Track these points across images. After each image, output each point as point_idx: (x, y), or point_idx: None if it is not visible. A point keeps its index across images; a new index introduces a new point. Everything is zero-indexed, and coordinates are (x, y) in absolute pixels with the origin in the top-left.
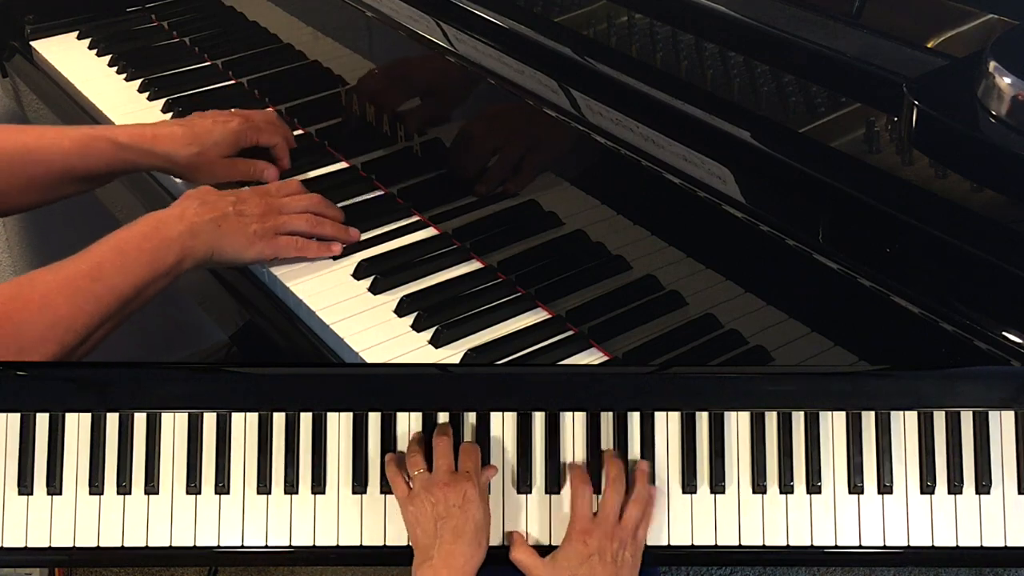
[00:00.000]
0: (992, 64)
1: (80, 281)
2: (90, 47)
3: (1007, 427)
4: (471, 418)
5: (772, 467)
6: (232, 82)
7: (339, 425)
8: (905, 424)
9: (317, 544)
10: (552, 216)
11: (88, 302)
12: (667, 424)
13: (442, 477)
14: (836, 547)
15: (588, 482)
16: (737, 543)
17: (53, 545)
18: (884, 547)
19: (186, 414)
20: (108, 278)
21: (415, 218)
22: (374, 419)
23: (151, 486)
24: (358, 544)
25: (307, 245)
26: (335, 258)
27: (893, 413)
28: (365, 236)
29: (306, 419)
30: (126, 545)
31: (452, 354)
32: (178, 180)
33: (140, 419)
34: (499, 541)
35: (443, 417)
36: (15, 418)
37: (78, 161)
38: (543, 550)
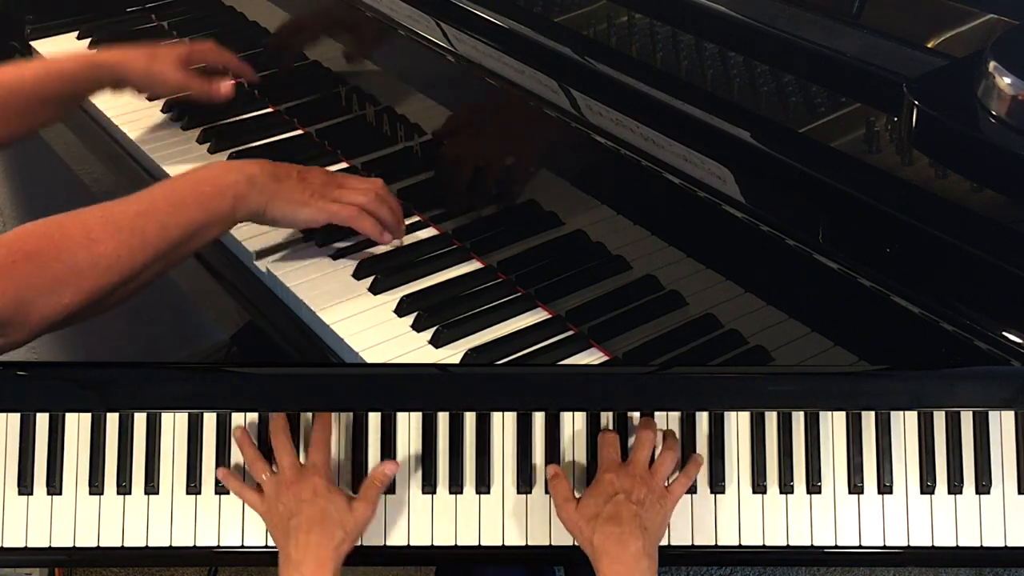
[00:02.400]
0: (992, 64)
1: (129, 218)
2: (90, 47)
3: (1007, 427)
4: (471, 418)
5: (772, 467)
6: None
7: (339, 425)
8: (905, 424)
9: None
10: (552, 216)
11: (135, 238)
12: (667, 424)
13: (288, 476)
14: (836, 547)
15: (615, 433)
16: (737, 543)
17: (53, 545)
18: (884, 547)
19: (186, 414)
20: (159, 217)
21: (415, 218)
22: (374, 419)
23: (151, 486)
24: (358, 544)
25: (363, 218)
26: (334, 257)
27: (893, 413)
28: (365, 236)
29: (306, 419)
30: (126, 545)
31: (452, 354)
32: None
33: (140, 419)
34: (499, 541)
35: (443, 417)
36: (15, 418)
37: (48, 83)
38: (543, 550)
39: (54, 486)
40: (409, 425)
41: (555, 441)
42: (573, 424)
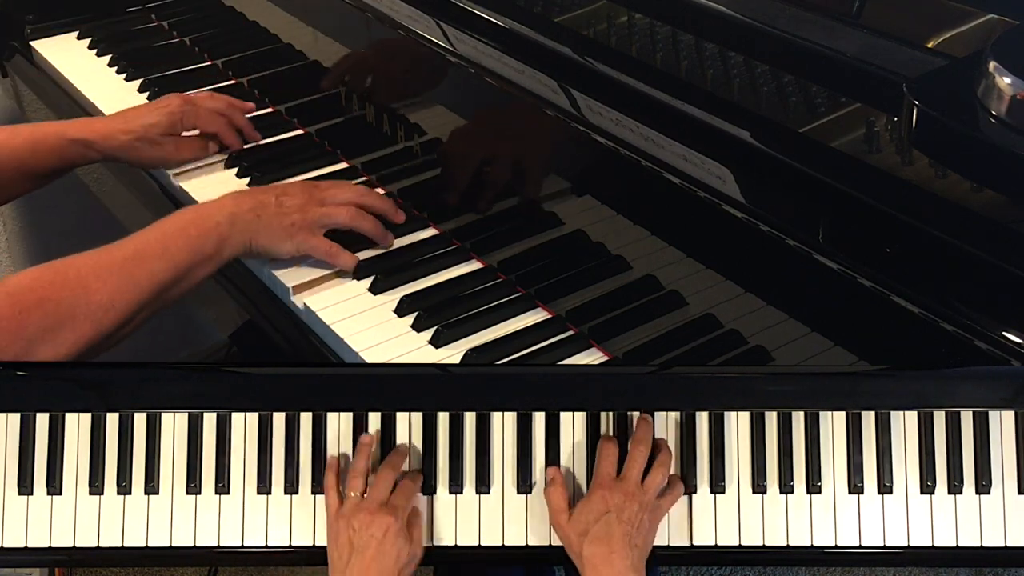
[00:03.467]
0: (992, 64)
1: (120, 264)
2: (90, 47)
3: (1007, 427)
4: (471, 418)
5: (772, 467)
6: (232, 82)
7: (339, 425)
8: (905, 424)
9: (317, 544)
10: (552, 216)
11: (127, 284)
12: (667, 424)
13: (370, 505)
14: (836, 547)
15: (615, 443)
16: (737, 543)
17: (53, 545)
18: (884, 547)
19: (186, 414)
20: (148, 263)
21: (415, 218)
22: (374, 419)
23: (151, 486)
24: None
25: (339, 253)
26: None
27: (893, 413)
28: (367, 235)
29: (306, 419)
30: (126, 545)
31: (452, 354)
32: (173, 177)
33: (140, 419)
34: (499, 541)
35: (443, 417)
36: (15, 418)
37: (29, 157)
38: (543, 550)
39: (54, 486)
40: (409, 425)
41: (555, 441)
42: (573, 424)
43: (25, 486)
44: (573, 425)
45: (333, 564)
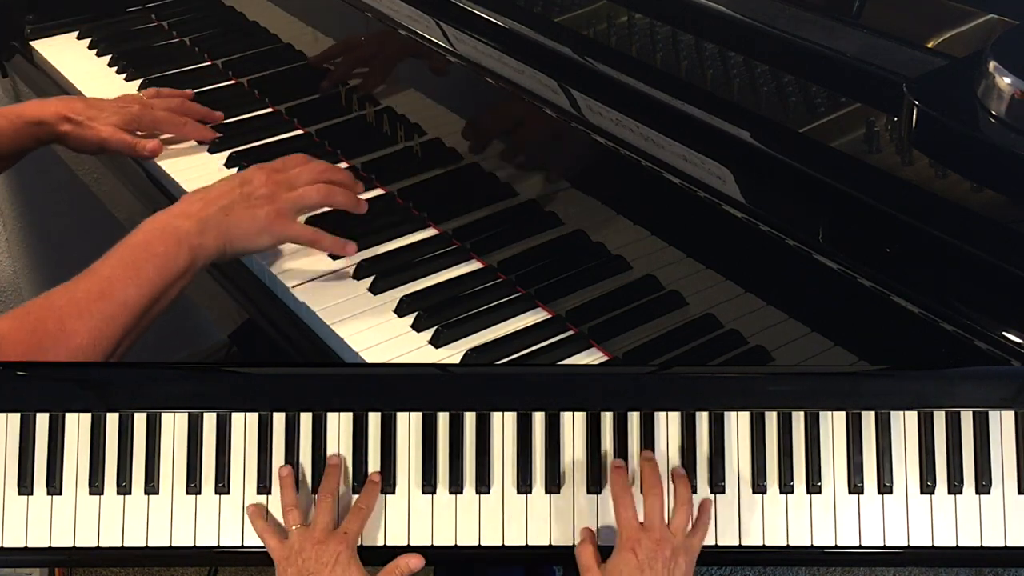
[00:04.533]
0: (992, 64)
1: (93, 303)
2: (90, 47)
3: (1007, 427)
4: (471, 418)
5: (772, 467)
6: (232, 82)
7: (339, 425)
8: (905, 424)
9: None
10: (552, 216)
11: (104, 323)
12: (667, 424)
13: (317, 535)
14: (836, 547)
15: (628, 488)
16: (737, 543)
17: (53, 545)
18: (884, 547)
19: (186, 414)
20: (120, 294)
21: (415, 218)
22: (374, 419)
23: (151, 486)
24: (358, 544)
25: (322, 237)
26: (334, 257)
27: (893, 413)
28: (365, 236)
29: (306, 419)
30: (126, 545)
31: (452, 354)
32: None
33: (140, 419)
34: (499, 541)
35: (443, 417)
36: (15, 418)
37: None
38: (543, 550)
39: (54, 486)
40: (409, 425)
41: (555, 441)
42: (573, 424)
43: (25, 486)
44: (573, 425)
45: None
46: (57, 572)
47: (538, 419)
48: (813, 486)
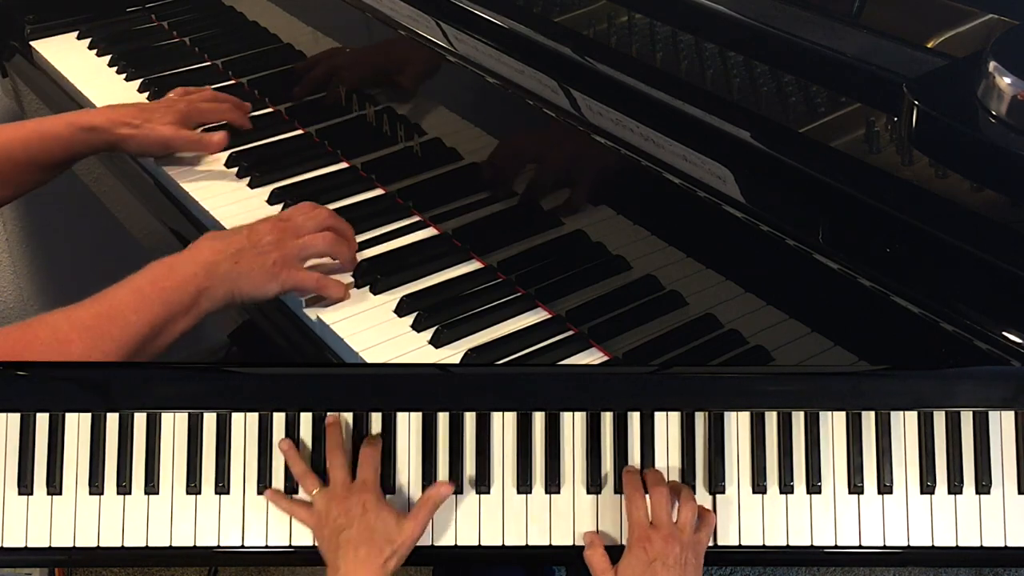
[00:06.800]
0: (992, 64)
1: (94, 320)
2: (90, 47)
3: (1007, 427)
4: (471, 418)
5: (772, 467)
6: (232, 82)
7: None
8: (905, 424)
9: (317, 544)
10: (552, 216)
11: (103, 341)
12: (667, 424)
13: (339, 491)
14: (836, 547)
15: (641, 489)
16: (737, 543)
17: (53, 545)
18: (884, 547)
19: (186, 414)
20: (121, 319)
21: (415, 218)
22: (374, 419)
23: (151, 486)
24: None
25: (328, 284)
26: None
27: (893, 413)
28: (366, 236)
29: (306, 419)
30: (126, 545)
31: (452, 354)
32: (175, 178)
33: (140, 419)
34: (499, 541)
35: (443, 417)
36: (15, 418)
37: (38, 148)
38: (543, 550)
39: (54, 486)
40: (409, 425)
41: (555, 441)
42: (573, 424)
43: (25, 486)
44: (573, 425)
45: (328, 560)
46: (57, 572)
47: (538, 419)
48: (813, 486)
